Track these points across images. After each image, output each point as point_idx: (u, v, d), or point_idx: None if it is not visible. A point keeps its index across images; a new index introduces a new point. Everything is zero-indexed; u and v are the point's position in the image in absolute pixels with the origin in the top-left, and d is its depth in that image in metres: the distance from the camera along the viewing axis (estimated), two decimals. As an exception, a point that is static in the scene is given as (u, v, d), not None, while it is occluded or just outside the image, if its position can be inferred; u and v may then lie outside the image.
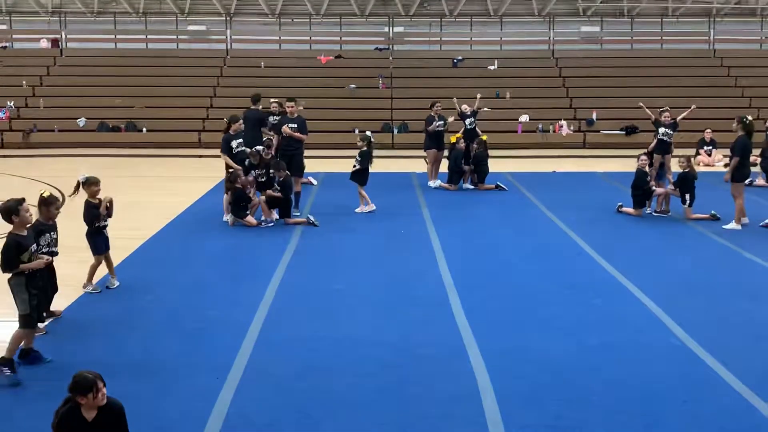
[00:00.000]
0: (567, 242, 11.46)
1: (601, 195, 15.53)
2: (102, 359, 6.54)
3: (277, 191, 12.31)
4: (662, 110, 14.99)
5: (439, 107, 16.57)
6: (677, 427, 5.57)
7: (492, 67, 28.37)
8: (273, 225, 12.31)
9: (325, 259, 10.35)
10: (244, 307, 8.17)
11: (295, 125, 13.24)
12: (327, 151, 21.18)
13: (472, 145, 16.18)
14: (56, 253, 7.47)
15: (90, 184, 8.57)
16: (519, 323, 7.78)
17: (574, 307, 8.29)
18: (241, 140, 12.73)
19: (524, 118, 25.79)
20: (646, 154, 13.81)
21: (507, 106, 25.99)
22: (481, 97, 17.67)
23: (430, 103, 16.89)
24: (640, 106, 16.82)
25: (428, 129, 16.42)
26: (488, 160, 16.23)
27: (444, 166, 16.68)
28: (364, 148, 13.49)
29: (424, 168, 17.41)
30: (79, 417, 4.60)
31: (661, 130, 14.65)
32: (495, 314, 8.05)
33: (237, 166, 12.43)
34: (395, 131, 25.20)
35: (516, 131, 25.33)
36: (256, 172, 12.68)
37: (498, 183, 16.15)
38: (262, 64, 28.21)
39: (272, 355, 6.89)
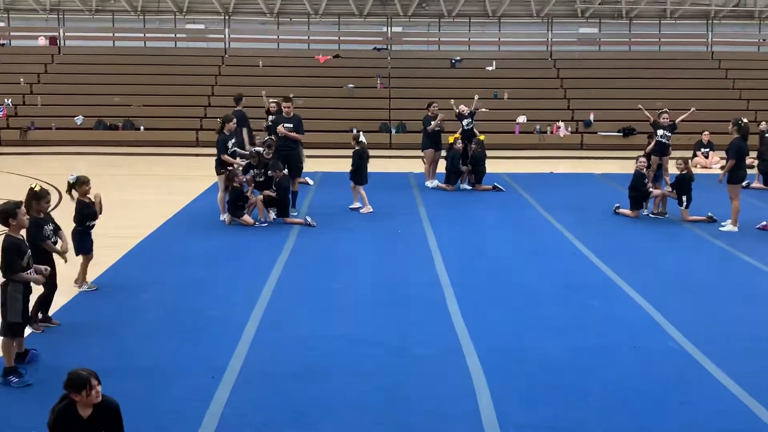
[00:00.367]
0: (564, 243, 11.46)
1: (599, 196, 15.54)
2: (98, 358, 6.53)
3: (273, 191, 12.34)
4: (661, 112, 14.99)
5: (436, 107, 16.56)
6: (673, 429, 5.58)
7: (490, 68, 28.37)
8: (267, 225, 12.31)
9: (323, 259, 10.34)
10: (240, 307, 8.16)
11: (291, 125, 13.24)
12: (324, 151, 21.18)
13: (469, 146, 16.21)
14: (57, 250, 7.47)
15: (81, 184, 8.55)
16: (515, 323, 7.79)
17: (570, 308, 8.30)
18: (234, 140, 12.74)
19: (522, 119, 25.78)
20: (645, 156, 13.82)
21: (505, 107, 26.00)
22: (479, 98, 17.67)
23: (426, 104, 16.90)
24: (639, 108, 16.83)
25: (428, 129, 16.41)
26: (486, 160, 16.24)
27: (441, 167, 16.69)
28: (356, 148, 13.60)
29: (422, 168, 17.41)
30: (75, 414, 4.60)
31: (660, 132, 14.65)
32: (492, 314, 8.06)
33: (238, 162, 12.41)
34: (393, 131, 25.20)
35: (513, 132, 25.34)
36: (254, 171, 12.69)
37: (495, 183, 16.16)
38: (260, 63, 28.17)
39: (269, 355, 6.89)
